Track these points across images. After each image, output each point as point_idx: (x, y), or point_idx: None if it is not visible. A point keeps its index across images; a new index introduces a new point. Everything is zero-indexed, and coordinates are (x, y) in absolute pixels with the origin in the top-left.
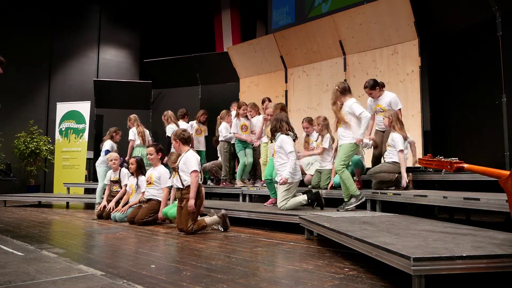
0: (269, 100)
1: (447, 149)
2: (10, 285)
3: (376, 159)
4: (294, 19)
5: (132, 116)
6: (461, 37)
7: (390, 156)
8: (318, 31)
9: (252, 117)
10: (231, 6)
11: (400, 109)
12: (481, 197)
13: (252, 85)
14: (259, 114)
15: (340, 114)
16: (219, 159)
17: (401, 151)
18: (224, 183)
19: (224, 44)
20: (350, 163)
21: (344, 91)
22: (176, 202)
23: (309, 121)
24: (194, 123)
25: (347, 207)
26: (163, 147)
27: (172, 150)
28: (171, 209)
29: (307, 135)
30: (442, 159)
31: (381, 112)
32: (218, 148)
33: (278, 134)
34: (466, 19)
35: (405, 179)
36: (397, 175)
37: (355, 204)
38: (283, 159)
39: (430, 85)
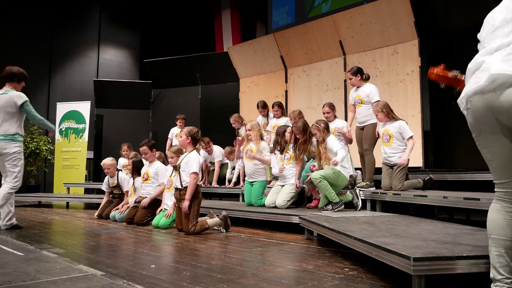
0: (264, 105)
1: (447, 149)
2: (10, 285)
3: (362, 158)
4: (294, 19)
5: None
6: (461, 37)
7: (398, 151)
8: (318, 31)
9: (238, 129)
10: (231, 6)
11: (377, 101)
12: (481, 197)
13: (252, 85)
14: (244, 125)
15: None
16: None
17: (411, 137)
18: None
19: (224, 44)
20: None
21: (327, 127)
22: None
23: (330, 105)
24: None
25: (334, 208)
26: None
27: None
28: (161, 219)
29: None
30: (459, 76)
31: (360, 103)
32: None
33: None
34: (466, 19)
35: (406, 159)
36: (420, 180)
37: (332, 210)
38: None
39: (430, 85)
